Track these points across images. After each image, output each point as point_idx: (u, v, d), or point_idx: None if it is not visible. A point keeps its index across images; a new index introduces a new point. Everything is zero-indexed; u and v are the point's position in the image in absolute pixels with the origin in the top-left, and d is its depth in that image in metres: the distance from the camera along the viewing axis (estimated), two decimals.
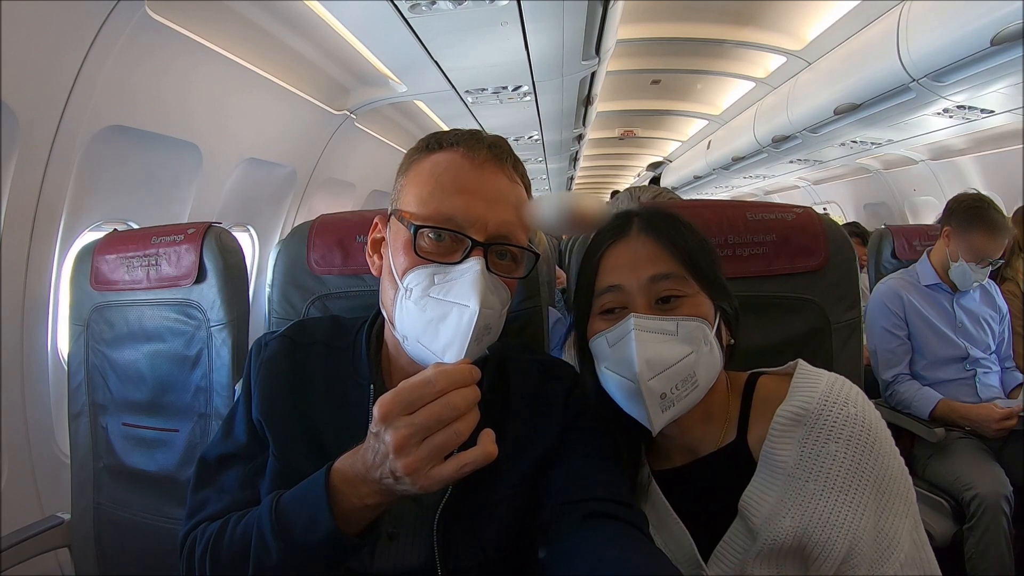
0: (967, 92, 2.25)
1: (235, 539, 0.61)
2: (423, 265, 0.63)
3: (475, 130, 0.71)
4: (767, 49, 3.04)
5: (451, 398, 0.49)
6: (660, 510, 0.71)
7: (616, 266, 0.70)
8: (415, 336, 0.64)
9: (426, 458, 0.48)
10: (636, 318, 0.65)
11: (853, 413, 0.63)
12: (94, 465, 1.28)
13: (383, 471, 0.51)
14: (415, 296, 0.63)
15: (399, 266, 0.65)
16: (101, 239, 1.31)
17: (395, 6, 1.70)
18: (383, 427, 0.49)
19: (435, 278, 0.63)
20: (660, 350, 0.64)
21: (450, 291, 0.62)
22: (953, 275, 1.76)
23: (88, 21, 1.34)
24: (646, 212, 0.74)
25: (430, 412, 0.48)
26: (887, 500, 0.61)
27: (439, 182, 0.66)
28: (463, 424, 0.49)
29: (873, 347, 1.81)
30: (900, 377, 1.75)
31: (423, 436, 0.48)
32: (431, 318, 0.62)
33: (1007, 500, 1.47)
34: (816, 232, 0.92)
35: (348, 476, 0.55)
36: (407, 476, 0.49)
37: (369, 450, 0.52)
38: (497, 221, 0.65)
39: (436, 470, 0.49)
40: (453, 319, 0.61)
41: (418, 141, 0.72)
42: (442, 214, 0.64)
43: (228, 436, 0.73)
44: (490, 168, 0.67)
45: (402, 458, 0.48)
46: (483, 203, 0.65)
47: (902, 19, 2.09)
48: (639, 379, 0.63)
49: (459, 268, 0.63)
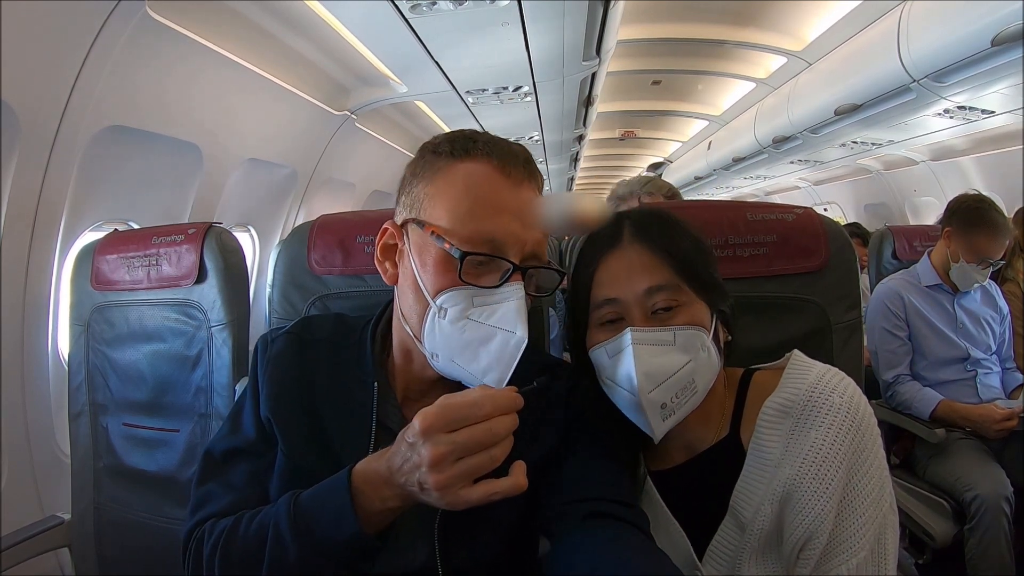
0: (968, 93, 2.25)
1: (249, 536, 0.60)
2: (461, 287, 0.62)
3: (501, 139, 0.69)
4: (768, 50, 3.04)
5: (494, 424, 0.50)
6: (656, 511, 0.71)
7: (611, 279, 0.70)
8: (448, 355, 0.63)
9: (459, 477, 0.50)
10: (633, 332, 0.65)
11: (838, 403, 0.63)
12: (94, 465, 1.27)
13: (410, 479, 0.51)
14: (451, 317, 0.62)
15: (431, 284, 0.63)
16: (102, 239, 1.30)
17: (395, 6, 1.70)
18: (422, 439, 0.50)
19: (474, 300, 0.62)
20: (658, 362, 0.65)
21: (493, 315, 0.61)
22: (954, 276, 1.76)
23: (89, 21, 1.34)
24: (637, 216, 0.73)
25: (472, 434, 0.50)
26: (852, 498, 0.61)
27: (476, 199, 0.63)
28: (499, 450, 0.51)
29: (873, 348, 1.81)
30: (901, 378, 1.75)
31: (459, 456, 0.50)
32: (471, 340, 0.62)
33: (1008, 501, 1.46)
34: (817, 233, 0.92)
35: (370, 478, 0.55)
36: (436, 491, 0.50)
37: (398, 455, 0.53)
38: (533, 241, 0.64)
39: (465, 491, 0.50)
40: (497, 344, 0.61)
41: (438, 140, 0.69)
42: (481, 235, 0.62)
43: (236, 431, 0.73)
44: (527, 187, 0.66)
45: (435, 473, 0.49)
46: (520, 224, 0.64)
47: (902, 19, 2.09)
48: (639, 392, 0.64)
49: (502, 293, 0.62)
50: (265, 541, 0.58)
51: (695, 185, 5.91)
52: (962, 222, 1.74)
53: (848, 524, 0.60)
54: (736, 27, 2.94)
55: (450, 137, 0.68)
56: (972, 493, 1.49)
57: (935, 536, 1.53)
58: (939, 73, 2.06)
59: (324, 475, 0.61)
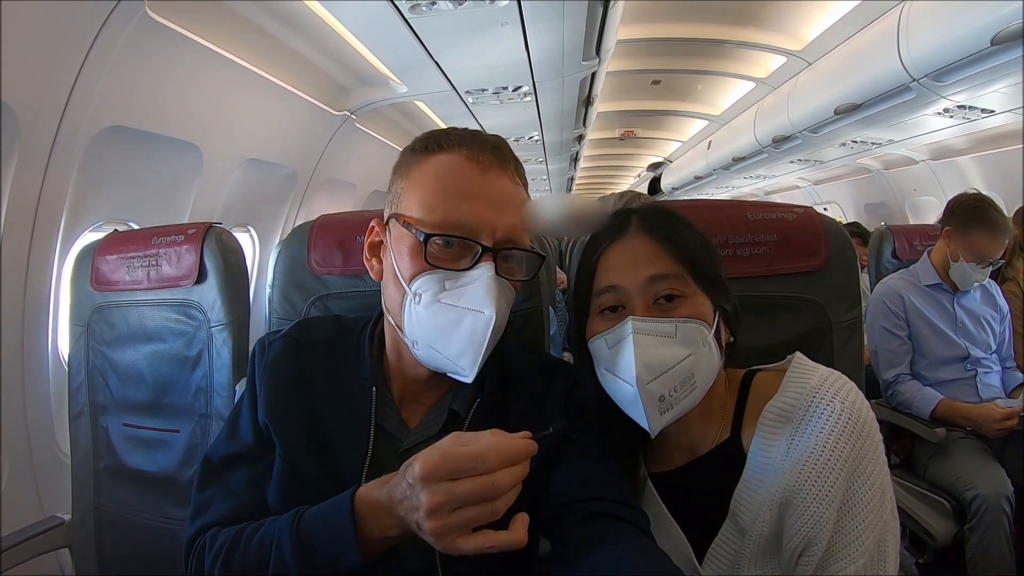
0: (967, 92, 2.25)
1: (250, 553, 0.60)
2: (432, 271, 0.63)
3: (475, 131, 0.71)
4: (767, 49, 3.04)
5: (498, 478, 0.48)
6: (656, 512, 0.70)
7: (614, 265, 0.70)
8: (426, 341, 0.64)
9: (455, 527, 0.48)
10: (634, 321, 0.65)
11: (839, 408, 0.62)
12: (94, 465, 1.27)
13: (410, 517, 0.51)
14: (425, 302, 0.63)
15: (405, 271, 0.65)
16: (101, 239, 1.30)
17: (395, 6, 1.70)
18: (420, 484, 0.48)
19: (446, 284, 0.63)
20: (658, 353, 0.64)
21: (462, 297, 0.62)
22: (953, 275, 1.76)
23: (88, 21, 1.34)
24: (645, 210, 0.73)
25: (472, 487, 0.48)
26: (852, 505, 0.61)
27: (444, 187, 0.65)
28: (502, 503, 0.49)
29: (874, 347, 1.81)
30: (901, 377, 1.75)
31: (458, 506, 0.48)
32: (443, 324, 0.62)
33: (1008, 500, 1.46)
34: (817, 232, 0.92)
35: (372, 505, 0.55)
36: (431, 536, 0.49)
37: (398, 489, 0.52)
38: (505, 226, 0.65)
39: (461, 540, 0.49)
40: (467, 326, 0.61)
41: (414, 140, 0.71)
42: (450, 221, 0.63)
43: (233, 436, 0.73)
44: (495, 172, 0.67)
45: (431, 521, 0.48)
46: (490, 209, 0.65)
47: (902, 19, 2.09)
48: (637, 382, 0.63)
49: (471, 274, 0.63)
50: (266, 559, 0.58)
51: (695, 185, 5.90)
52: (961, 221, 1.74)
53: (848, 530, 0.60)
54: (736, 27, 2.94)
55: (426, 135, 0.70)
56: (972, 492, 1.49)
57: (935, 535, 1.54)
58: (939, 72, 2.06)
59: (322, 479, 0.62)
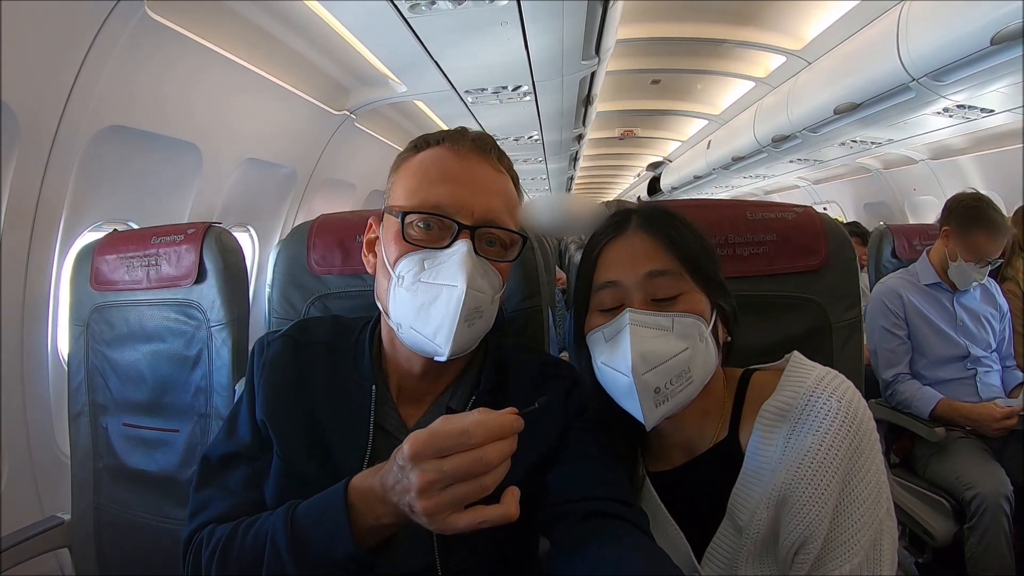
0: (967, 91, 2.25)
1: (245, 548, 0.60)
2: (413, 252, 0.65)
3: (462, 127, 0.74)
4: (767, 49, 3.04)
5: (486, 452, 0.48)
6: (655, 512, 0.71)
7: (614, 262, 0.71)
8: (408, 323, 0.65)
9: (446, 504, 0.48)
10: (632, 313, 0.66)
11: (836, 407, 0.62)
12: (94, 465, 1.27)
13: (402, 500, 0.51)
14: (407, 283, 0.65)
15: (390, 256, 0.67)
16: (101, 239, 1.30)
17: (395, 6, 1.70)
18: (410, 464, 0.49)
19: (425, 263, 0.65)
20: (655, 345, 0.65)
21: (439, 274, 0.63)
22: (952, 275, 1.76)
23: (88, 21, 1.34)
24: (645, 209, 0.74)
25: (460, 463, 0.48)
26: (848, 503, 0.61)
27: (425, 174, 0.69)
28: (491, 478, 0.49)
29: (873, 346, 1.81)
30: (900, 376, 1.75)
31: (448, 483, 0.48)
32: (422, 302, 0.63)
33: (1008, 500, 1.46)
34: (816, 231, 0.92)
35: (365, 494, 0.54)
36: (424, 516, 0.49)
37: (390, 475, 0.52)
38: (483, 207, 0.67)
39: (453, 517, 0.49)
40: (442, 301, 0.62)
41: (408, 143, 0.75)
42: (429, 202, 0.66)
43: (231, 436, 0.73)
44: (474, 157, 0.69)
45: (422, 500, 0.48)
46: (468, 190, 0.67)
47: (902, 19, 2.09)
48: (633, 373, 0.63)
49: (447, 251, 0.64)
50: (262, 553, 0.58)
51: (694, 184, 5.90)
52: (960, 221, 1.74)
53: (843, 528, 0.60)
54: (735, 26, 2.94)
55: (417, 138, 0.74)
56: (972, 492, 1.49)
57: (935, 535, 1.54)
58: (938, 72, 2.06)
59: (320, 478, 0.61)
